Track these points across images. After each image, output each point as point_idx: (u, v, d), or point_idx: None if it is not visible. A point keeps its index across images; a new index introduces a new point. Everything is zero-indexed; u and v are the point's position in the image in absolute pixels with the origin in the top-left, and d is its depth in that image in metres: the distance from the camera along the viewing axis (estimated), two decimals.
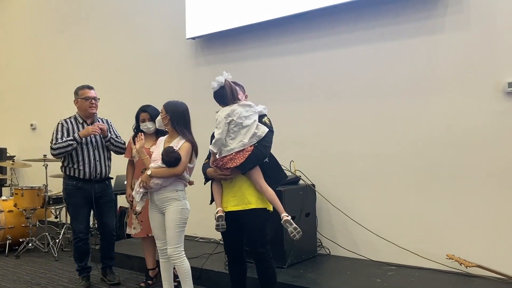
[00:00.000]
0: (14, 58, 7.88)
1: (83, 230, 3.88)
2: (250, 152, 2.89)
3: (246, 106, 2.96)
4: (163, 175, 3.15)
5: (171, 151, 3.14)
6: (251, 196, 2.96)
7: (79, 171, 3.83)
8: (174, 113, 3.25)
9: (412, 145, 3.96)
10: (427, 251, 3.81)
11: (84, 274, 3.98)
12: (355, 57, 4.28)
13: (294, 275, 3.66)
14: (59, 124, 3.93)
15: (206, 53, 5.37)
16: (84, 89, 4.00)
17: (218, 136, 2.90)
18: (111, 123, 4.15)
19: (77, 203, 3.87)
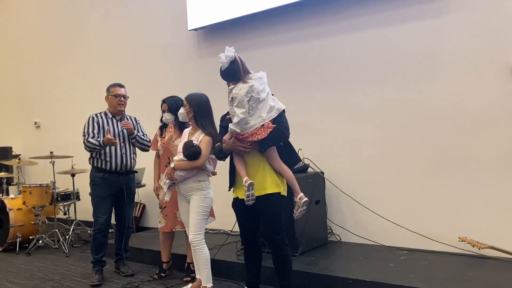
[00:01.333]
0: (17, 56, 7.85)
1: (105, 222, 3.96)
2: (271, 130, 2.85)
3: (259, 79, 2.89)
4: (185, 167, 3.27)
5: (190, 146, 3.24)
6: (266, 182, 2.95)
7: (106, 163, 3.94)
8: (198, 107, 3.33)
9: (421, 128, 3.95)
10: (439, 235, 3.81)
11: (98, 267, 4.00)
12: (361, 43, 4.25)
13: (307, 262, 3.66)
14: (90, 117, 4.05)
15: (209, 44, 5.34)
16: (115, 87, 4.08)
17: (242, 115, 2.81)
18: (138, 121, 4.25)
19: (102, 194, 3.97)
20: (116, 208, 4.14)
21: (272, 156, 2.94)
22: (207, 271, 3.31)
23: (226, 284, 3.64)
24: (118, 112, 4.07)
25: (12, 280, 4.17)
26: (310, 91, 4.55)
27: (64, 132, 6.93)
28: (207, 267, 3.31)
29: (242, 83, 2.86)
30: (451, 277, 3.13)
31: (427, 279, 3.11)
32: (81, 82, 6.75)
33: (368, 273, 3.28)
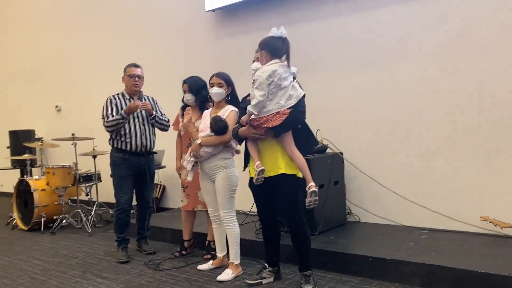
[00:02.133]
0: (37, 41, 7.95)
1: (127, 201, 4.03)
2: (286, 116, 2.85)
3: (285, 67, 2.89)
4: (212, 143, 3.30)
5: (219, 120, 3.28)
6: (281, 162, 2.96)
7: (126, 144, 3.99)
8: (232, 85, 3.43)
9: (443, 107, 3.88)
10: (460, 214, 3.77)
11: (123, 245, 4.09)
12: (381, 21, 4.17)
13: (326, 241, 3.68)
14: (108, 99, 4.07)
15: (226, 24, 5.32)
16: (130, 67, 4.12)
17: (261, 98, 2.83)
18: (156, 101, 4.28)
19: (123, 175, 4.02)
20: (137, 189, 4.20)
21: (285, 142, 2.94)
22: (236, 248, 3.39)
23: (245, 261, 3.68)
24: (134, 93, 4.09)
25: (38, 257, 4.30)
26: (329, 70, 4.51)
27: (85, 115, 7.03)
28: (236, 244, 3.39)
29: (268, 66, 2.86)
30: (472, 256, 3.12)
31: (448, 257, 3.09)
32: (100, 65, 6.81)
33: (388, 252, 3.28)
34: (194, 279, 3.42)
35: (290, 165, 2.97)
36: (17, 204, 5.70)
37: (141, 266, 3.82)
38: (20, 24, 8.26)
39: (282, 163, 2.96)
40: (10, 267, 4.03)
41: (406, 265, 3.06)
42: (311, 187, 2.85)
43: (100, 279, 3.55)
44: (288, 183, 2.97)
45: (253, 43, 4.93)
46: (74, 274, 3.72)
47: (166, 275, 3.54)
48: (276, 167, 2.96)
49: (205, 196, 3.56)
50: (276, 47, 2.88)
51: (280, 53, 2.89)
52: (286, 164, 2.96)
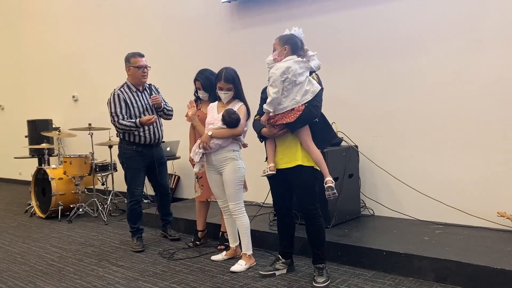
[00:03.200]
0: (54, 32, 8.03)
1: (141, 193, 4.13)
2: (300, 112, 2.87)
3: (300, 62, 2.88)
4: (224, 135, 3.32)
5: (232, 112, 3.31)
6: (298, 154, 2.98)
7: (139, 137, 4.00)
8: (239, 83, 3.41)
9: (460, 100, 3.82)
10: (476, 209, 3.73)
11: (138, 235, 4.16)
12: (398, 13, 4.11)
13: (340, 234, 3.67)
14: (115, 95, 4.01)
15: (242, 16, 5.30)
16: (136, 57, 4.07)
17: (275, 95, 2.85)
18: (158, 88, 4.29)
19: (137, 167, 4.07)
20: (153, 179, 4.26)
21: (302, 136, 2.96)
22: (247, 239, 3.41)
23: (259, 253, 3.70)
24: (141, 84, 4.08)
25: (56, 244, 4.39)
26: (345, 62, 4.46)
27: (101, 105, 7.07)
28: (247, 235, 3.42)
29: (283, 63, 2.86)
30: (488, 251, 3.08)
31: (464, 252, 3.06)
32: (116, 55, 6.83)
33: (402, 246, 3.26)
34: (207, 269, 3.45)
35: (307, 158, 2.99)
36: (35, 192, 5.81)
37: (156, 255, 3.87)
38: (40, 16, 8.35)
39: (300, 155, 2.98)
40: (28, 254, 4.12)
41: (421, 259, 3.04)
42: (328, 182, 2.89)
43: (116, 267, 3.61)
44: (305, 175, 2.99)
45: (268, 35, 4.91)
46: (90, 262, 3.79)
47: (180, 265, 3.59)
48: (294, 159, 2.99)
49: (212, 188, 3.58)
50: (297, 45, 2.94)
51: (298, 51, 2.94)
52: (303, 156, 2.98)
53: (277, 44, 2.97)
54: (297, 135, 2.98)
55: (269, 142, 3.12)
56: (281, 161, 3.04)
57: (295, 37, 2.95)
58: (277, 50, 2.95)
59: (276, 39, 2.99)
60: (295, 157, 2.98)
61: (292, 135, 2.99)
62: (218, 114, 3.41)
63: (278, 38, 2.97)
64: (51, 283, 3.34)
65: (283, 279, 3.16)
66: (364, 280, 3.07)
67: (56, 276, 3.47)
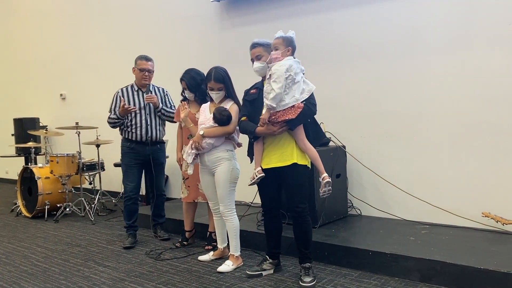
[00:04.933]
0: (43, 29, 7.94)
1: (133, 189, 4.15)
2: (301, 109, 2.90)
3: (298, 63, 2.95)
4: (215, 133, 3.29)
5: (223, 110, 3.29)
6: (292, 153, 3.00)
7: (132, 134, 4.11)
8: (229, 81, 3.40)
9: (446, 101, 3.85)
10: (462, 210, 3.77)
11: (131, 231, 4.21)
12: (386, 14, 4.13)
13: (327, 234, 3.69)
14: (115, 94, 4.19)
15: (231, 15, 5.29)
16: (141, 60, 4.16)
17: (279, 90, 2.85)
18: (167, 92, 4.34)
19: (129, 163, 4.15)
20: (148, 178, 4.32)
21: (298, 135, 3.00)
22: (236, 241, 3.40)
23: (246, 252, 3.70)
24: (143, 86, 4.18)
25: (41, 244, 4.35)
26: (333, 64, 4.48)
27: (89, 104, 7.05)
28: (236, 237, 3.40)
29: (285, 61, 2.89)
30: (473, 252, 3.11)
31: (449, 252, 3.09)
32: (105, 55, 6.81)
33: (388, 246, 3.28)
34: (194, 269, 3.44)
35: (301, 156, 3.02)
36: (21, 192, 5.75)
37: (143, 256, 3.85)
38: (27, 14, 8.26)
39: (295, 153, 3.00)
40: (13, 254, 4.07)
41: (406, 259, 3.06)
42: (325, 178, 2.95)
43: (102, 268, 3.58)
44: (299, 173, 3.01)
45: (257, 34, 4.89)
46: (76, 262, 3.76)
47: (167, 265, 3.57)
48: (290, 157, 3.00)
49: (205, 190, 3.55)
50: (295, 48, 3.01)
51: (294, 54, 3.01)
52: (298, 155, 3.01)
53: (281, 44, 2.96)
54: (292, 133, 3.00)
55: (257, 145, 3.11)
56: (274, 159, 3.04)
57: (294, 41, 3.01)
58: (280, 50, 2.95)
59: (278, 38, 2.98)
60: (292, 156, 3.00)
61: (286, 134, 3.01)
62: (210, 114, 3.39)
63: (282, 39, 2.97)
64: (36, 284, 3.30)
65: (269, 279, 3.16)
66: (350, 280, 3.09)
67: (41, 277, 3.44)
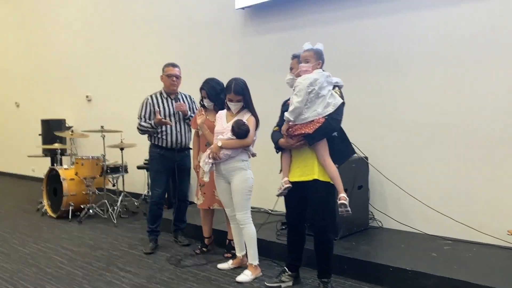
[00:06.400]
0: (70, 32, 8.12)
1: (160, 195, 4.23)
2: (320, 124, 2.87)
3: (325, 76, 2.92)
4: (233, 146, 3.34)
5: (242, 124, 3.33)
6: (315, 168, 2.98)
7: (162, 140, 4.18)
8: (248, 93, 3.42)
9: (472, 115, 3.78)
10: (486, 226, 3.69)
11: (153, 236, 4.28)
12: (411, 23, 4.08)
13: (347, 247, 3.66)
14: (144, 99, 4.25)
15: (255, 23, 5.30)
16: (168, 67, 4.25)
17: (298, 104, 2.86)
18: (193, 99, 4.40)
19: (158, 169, 4.23)
20: (173, 183, 4.37)
21: (318, 150, 2.96)
22: (254, 249, 3.42)
23: (265, 262, 3.71)
24: (172, 92, 4.24)
25: (66, 246, 4.45)
26: (356, 72, 4.44)
27: (114, 106, 7.18)
28: (253, 245, 3.43)
29: (310, 75, 2.89)
30: (497, 271, 3.05)
31: (472, 271, 3.04)
32: (130, 59, 6.92)
33: (410, 262, 3.24)
34: (214, 278, 3.47)
35: (324, 172, 2.98)
36: (47, 192, 5.90)
37: (163, 261, 3.90)
38: (55, 16, 8.45)
39: (317, 169, 2.98)
40: (38, 255, 4.19)
41: (428, 277, 3.02)
42: (341, 199, 2.88)
43: (123, 273, 3.65)
44: (320, 190, 2.98)
45: (280, 42, 4.91)
46: (99, 266, 3.84)
47: (187, 272, 3.61)
48: (311, 173, 2.99)
49: (221, 197, 3.61)
50: (324, 61, 3.00)
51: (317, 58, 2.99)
52: (320, 171, 2.98)
53: (311, 57, 2.95)
54: (314, 148, 2.97)
55: (285, 155, 3.12)
56: (297, 173, 3.04)
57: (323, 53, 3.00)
58: (310, 63, 2.94)
59: (309, 51, 2.97)
60: (312, 171, 2.98)
61: (309, 148, 2.98)
62: (227, 123, 3.43)
63: (313, 52, 2.96)
64: (60, 287, 3.38)
65: None
66: None
67: (65, 280, 3.52)
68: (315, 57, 2.95)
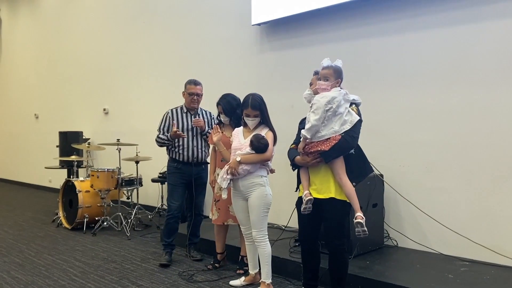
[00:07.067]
0: (88, 46, 8.30)
1: (177, 208, 4.26)
2: (336, 142, 2.85)
3: (343, 94, 2.91)
4: (252, 160, 3.32)
5: (261, 137, 3.32)
6: (331, 186, 2.95)
7: (179, 155, 4.24)
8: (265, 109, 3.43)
9: (490, 134, 3.72)
10: (504, 248, 3.61)
11: (168, 249, 4.29)
12: (429, 42, 4.06)
13: (361, 266, 3.61)
14: (165, 113, 4.35)
15: (271, 39, 5.35)
16: (190, 84, 4.33)
17: (315, 122, 2.86)
18: (213, 115, 4.44)
19: (175, 183, 4.28)
20: (190, 197, 4.39)
21: (335, 168, 2.93)
22: (268, 267, 3.38)
23: (278, 280, 3.68)
24: (193, 108, 4.32)
25: (79, 258, 4.48)
26: (371, 90, 4.43)
27: (131, 119, 7.27)
28: (267, 264, 3.38)
29: (328, 93, 2.88)
30: None
31: None
32: (148, 73, 7.02)
33: (425, 284, 3.18)
34: None
35: (340, 191, 2.95)
36: (62, 203, 5.96)
37: (175, 276, 3.89)
38: (76, 31, 8.65)
39: (333, 187, 2.95)
40: (52, 267, 4.21)
41: None
42: (357, 218, 2.83)
43: (135, 287, 3.64)
44: (336, 208, 2.95)
45: (296, 58, 4.94)
46: (111, 279, 3.85)
47: None
48: (327, 191, 2.96)
49: (237, 214, 3.57)
50: (339, 73, 2.98)
51: (340, 80, 2.99)
52: (336, 189, 2.95)
53: (331, 75, 2.93)
54: (330, 166, 2.94)
55: (303, 171, 3.09)
56: (314, 191, 3.01)
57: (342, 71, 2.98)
58: (329, 81, 2.93)
59: (329, 69, 2.95)
60: (329, 189, 2.95)
61: (326, 166, 2.96)
62: (245, 139, 3.43)
63: (333, 69, 2.94)
64: None
65: None
66: None
67: None
68: (335, 75, 2.94)
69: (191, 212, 4.40)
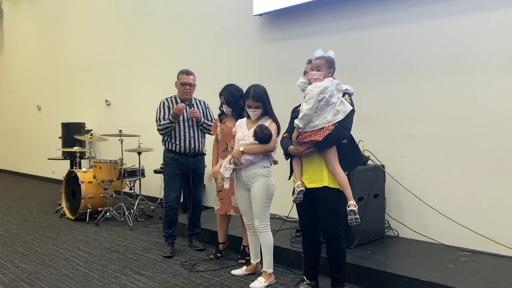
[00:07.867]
0: (90, 38, 8.29)
1: (175, 200, 4.26)
2: (329, 132, 2.87)
3: (337, 84, 2.93)
4: (255, 151, 3.32)
5: (264, 128, 3.32)
6: (325, 175, 2.97)
7: (175, 145, 4.23)
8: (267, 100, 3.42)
9: (491, 125, 3.71)
10: (505, 238, 3.61)
11: (170, 240, 4.32)
12: (432, 32, 4.04)
13: (362, 256, 3.63)
14: (161, 102, 4.31)
15: (273, 29, 5.32)
16: (182, 74, 4.30)
17: (308, 111, 2.87)
18: (207, 105, 4.45)
19: (172, 174, 4.27)
20: (188, 188, 4.40)
21: (328, 157, 2.96)
22: (269, 257, 3.41)
23: (279, 269, 3.70)
24: (186, 99, 4.29)
25: (83, 248, 4.52)
26: (373, 81, 4.42)
27: (133, 111, 7.28)
28: (269, 254, 3.41)
29: (321, 83, 2.90)
30: None
31: (490, 284, 2.98)
32: (149, 65, 7.02)
33: (426, 273, 3.19)
34: (227, 283, 3.48)
35: (334, 179, 2.97)
36: (65, 194, 6.00)
37: (177, 266, 3.92)
38: (77, 22, 8.64)
39: (327, 176, 2.98)
40: (56, 256, 4.26)
41: None
42: (350, 206, 2.86)
43: (138, 276, 3.68)
44: (330, 197, 2.97)
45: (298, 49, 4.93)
46: (114, 269, 3.88)
47: (200, 277, 3.62)
48: (320, 180, 2.98)
49: (240, 205, 3.58)
50: (335, 68, 2.99)
51: (329, 66, 2.99)
52: (330, 178, 2.97)
53: (323, 65, 2.95)
54: (323, 155, 2.97)
55: (296, 161, 3.11)
56: (307, 180, 3.04)
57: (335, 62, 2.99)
58: (322, 71, 2.94)
59: (321, 59, 2.96)
60: (322, 178, 2.98)
61: (319, 155, 2.98)
62: (249, 131, 3.42)
63: (325, 60, 2.95)
64: None
65: None
66: None
67: (81, 282, 3.57)
68: (327, 65, 2.96)
69: (190, 203, 4.42)
